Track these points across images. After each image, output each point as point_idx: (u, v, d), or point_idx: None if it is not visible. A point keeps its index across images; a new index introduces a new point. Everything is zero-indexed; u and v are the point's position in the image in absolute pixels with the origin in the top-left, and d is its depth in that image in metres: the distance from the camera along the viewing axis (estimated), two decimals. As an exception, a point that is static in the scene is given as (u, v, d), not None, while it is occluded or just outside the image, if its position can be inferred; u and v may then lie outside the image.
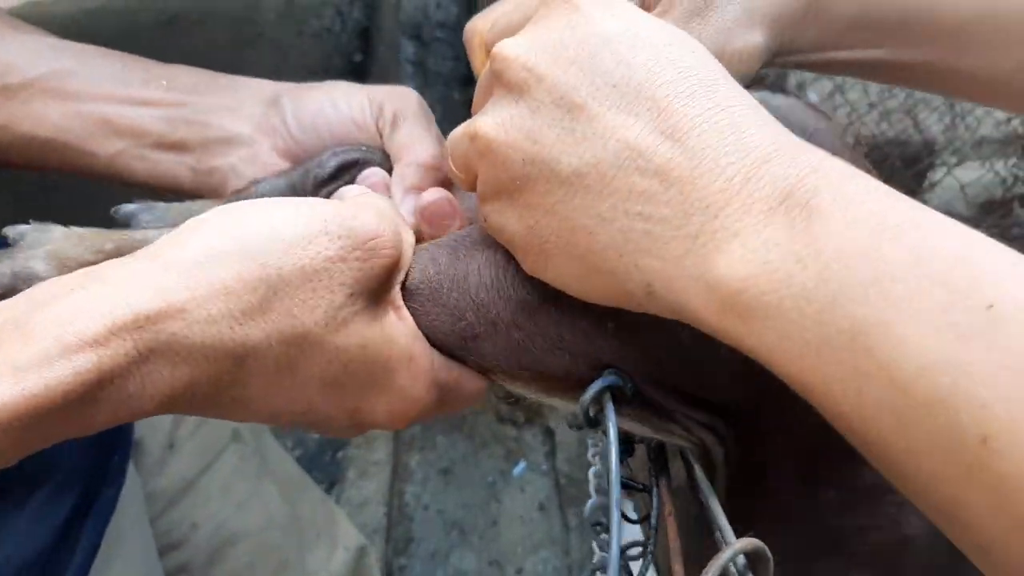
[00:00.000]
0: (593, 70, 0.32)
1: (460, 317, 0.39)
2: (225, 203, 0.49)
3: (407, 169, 0.48)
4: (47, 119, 0.50)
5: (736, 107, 0.31)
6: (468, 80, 1.66)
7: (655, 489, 0.42)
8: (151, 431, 0.68)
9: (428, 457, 1.67)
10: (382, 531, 1.50)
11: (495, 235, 0.37)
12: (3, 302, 0.32)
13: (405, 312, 0.39)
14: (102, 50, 0.53)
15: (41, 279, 0.39)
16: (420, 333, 0.39)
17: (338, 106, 0.51)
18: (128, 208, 0.48)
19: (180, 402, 0.33)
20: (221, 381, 0.33)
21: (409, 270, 0.40)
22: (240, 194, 0.50)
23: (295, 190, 0.50)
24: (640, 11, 0.34)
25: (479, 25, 0.48)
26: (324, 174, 0.49)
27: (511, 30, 0.37)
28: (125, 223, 0.48)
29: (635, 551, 0.43)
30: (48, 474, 0.54)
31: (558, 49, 0.33)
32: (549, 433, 1.68)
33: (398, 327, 0.38)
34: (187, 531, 0.71)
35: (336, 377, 0.36)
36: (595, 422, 0.38)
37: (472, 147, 0.36)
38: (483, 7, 0.52)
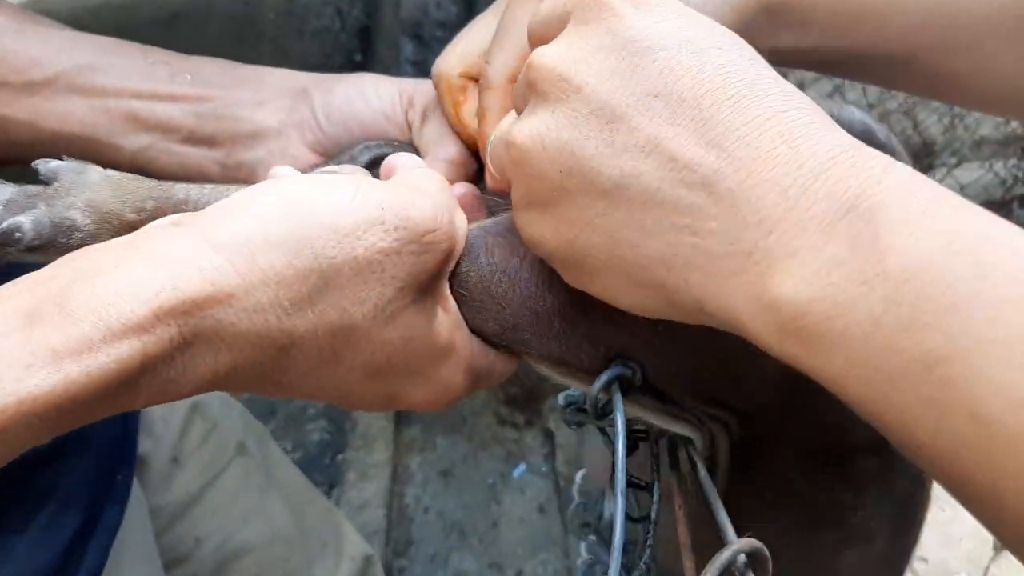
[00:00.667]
0: (634, 80, 0.30)
1: (505, 307, 0.39)
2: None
3: (435, 164, 0.48)
4: (72, 115, 0.49)
5: (789, 112, 0.29)
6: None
7: (656, 486, 0.43)
8: (155, 446, 0.68)
9: (428, 459, 1.66)
10: (382, 533, 1.50)
11: (531, 247, 0.36)
12: (42, 271, 0.30)
13: (451, 303, 0.39)
14: (123, 43, 0.52)
15: (80, 231, 0.38)
16: (462, 322, 0.39)
17: (368, 98, 0.51)
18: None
19: (220, 385, 0.32)
20: (264, 368, 0.33)
21: (460, 257, 0.39)
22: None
23: None
24: (684, 9, 0.32)
25: (444, 66, 0.47)
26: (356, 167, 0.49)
27: (549, 33, 0.35)
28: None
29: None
30: (51, 495, 0.53)
31: (597, 58, 0.31)
32: (549, 435, 1.67)
33: (443, 319, 0.38)
34: (192, 546, 0.70)
35: (379, 367, 0.36)
36: (603, 413, 0.39)
37: (507, 155, 0.34)
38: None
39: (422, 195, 0.36)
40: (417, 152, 0.50)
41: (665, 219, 0.29)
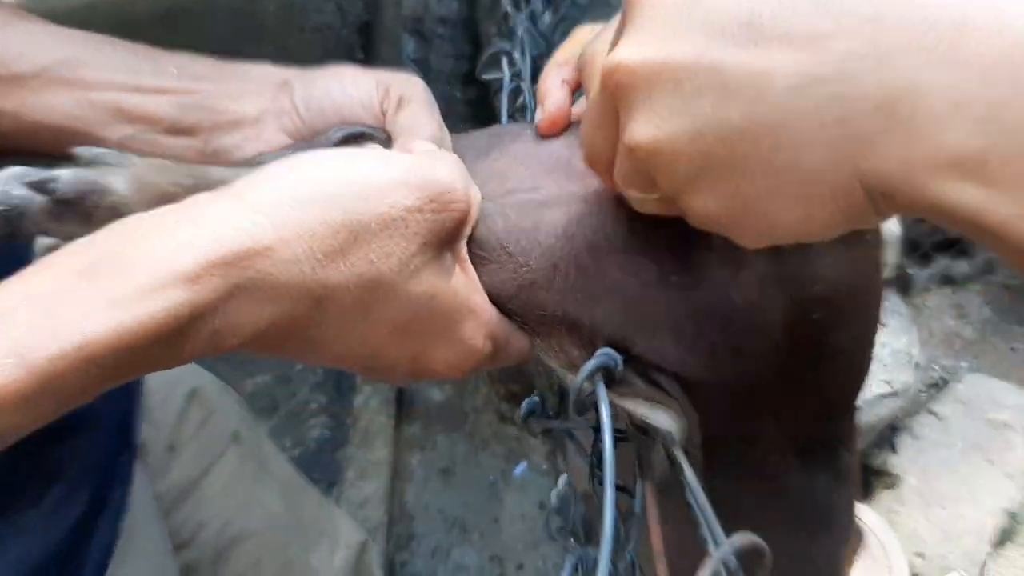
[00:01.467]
0: (717, 19, 0.29)
1: (523, 264, 0.41)
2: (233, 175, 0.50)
3: (407, 147, 0.49)
4: (58, 107, 0.50)
5: None
6: (469, 77, 1.65)
7: (638, 484, 0.43)
8: (153, 433, 0.69)
9: (429, 456, 1.66)
10: (383, 529, 1.50)
11: (704, 224, 0.34)
12: (95, 235, 0.32)
13: (469, 265, 0.41)
14: (109, 39, 0.53)
15: (117, 196, 0.40)
16: (481, 287, 0.41)
17: (345, 88, 0.52)
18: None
19: (260, 340, 0.34)
20: (300, 321, 0.35)
21: (476, 224, 0.42)
22: (246, 164, 0.50)
23: None
24: None
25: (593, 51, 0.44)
26: (328, 146, 0.50)
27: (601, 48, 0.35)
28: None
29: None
30: (60, 473, 0.55)
31: (665, 28, 0.31)
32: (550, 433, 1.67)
33: (462, 280, 0.40)
34: (194, 530, 0.72)
35: (406, 323, 0.38)
36: (583, 408, 0.40)
37: (635, 162, 0.34)
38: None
39: (440, 161, 0.39)
40: (390, 137, 0.51)
41: (813, 121, 0.28)
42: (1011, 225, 0.26)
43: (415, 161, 0.38)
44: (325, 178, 0.35)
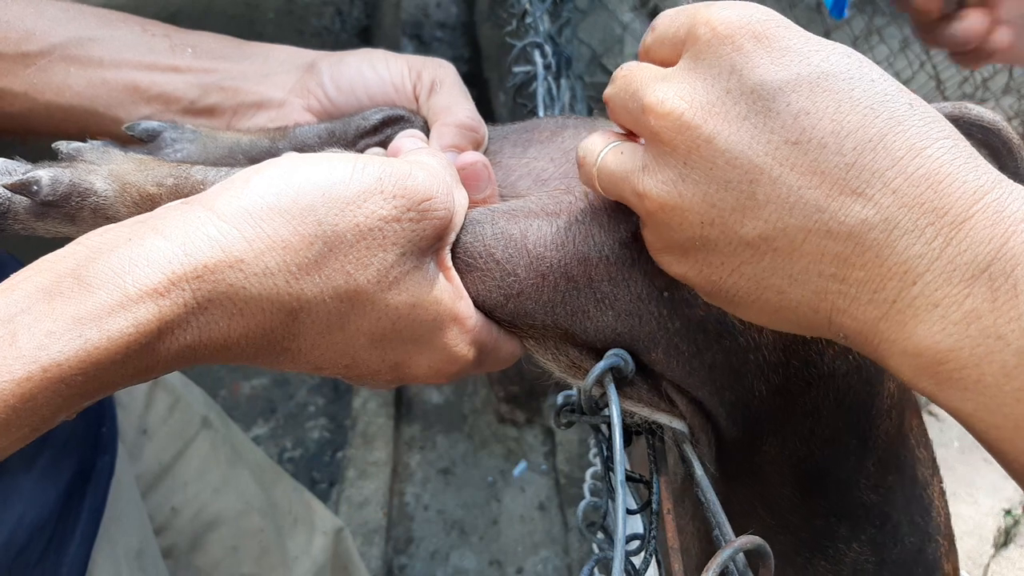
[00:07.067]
0: (768, 127, 0.30)
1: (510, 272, 0.40)
2: (269, 143, 0.49)
3: (445, 128, 0.49)
4: (70, 87, 0.49)
5: (932, 147, 0.28)
6: (468, 80, 1.66)
7: (654, 480, 0.42)
8: (125, 415, 0.69)
9: (428, 457, 1.66)
10: (382, 531, 1.50)
11: (677, 277, 0.35)
12: (60, 251, 0.31)
13: (453, 273, 0.40)
14: (123, 15, 0.52)
15: (97, 196, 0.39)
16: (466, 293, 0.40)
17: (378, 70, 0.51)
18: (150, 125, 0.48)
19: (233, 352, 0.34)
20: (274, 333, 0.34)
21: (461, 230, 0.40)
22: (279, 133, 0.50)
23: (335, 137, 0.50)
24: (808, 37, 0.31)
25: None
26: (367, 125, 0.50)
27: (660, 54, 0.35)
28: (143, 141, 0.48)
29: (633, 545, 0.43)
30: (47, 440, 0.55)
31: (725, 104, 0.31)
32: (549, 433, 1.67)
33: (446, 287, 0.39)
34: (168, 516, 0.72)
35: (384, 333, 0.37)
36: (597, 408, 0.39)
37: (640, 204, 0.34)
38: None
39: (419, 167, 0.38)
40: (425, 122, 0.50)
41: (812, 267, 0.30)
42: (969, 417, 0.27)
43: (393, 168, 0.37)
44: (299, 186, 0.34)
